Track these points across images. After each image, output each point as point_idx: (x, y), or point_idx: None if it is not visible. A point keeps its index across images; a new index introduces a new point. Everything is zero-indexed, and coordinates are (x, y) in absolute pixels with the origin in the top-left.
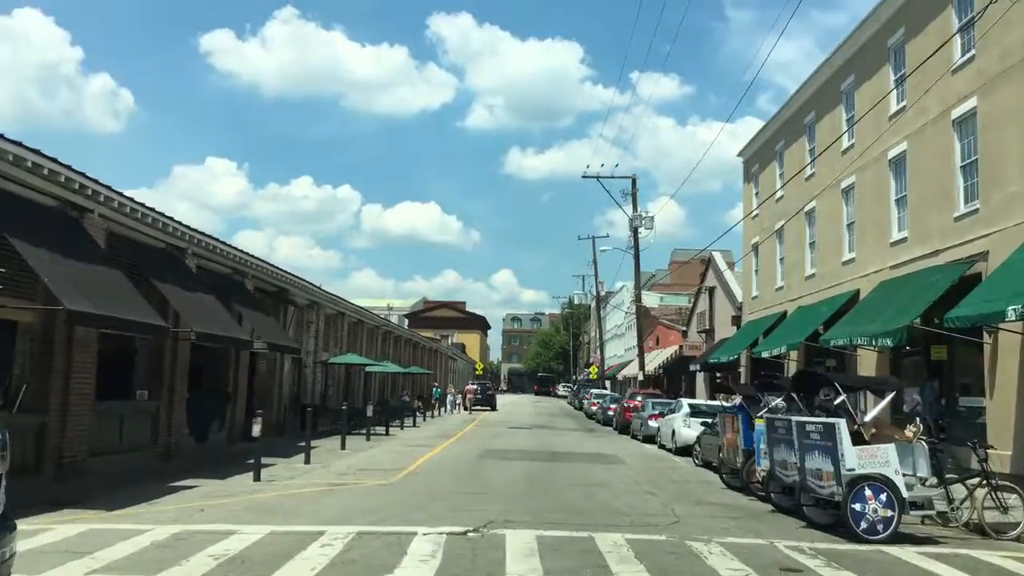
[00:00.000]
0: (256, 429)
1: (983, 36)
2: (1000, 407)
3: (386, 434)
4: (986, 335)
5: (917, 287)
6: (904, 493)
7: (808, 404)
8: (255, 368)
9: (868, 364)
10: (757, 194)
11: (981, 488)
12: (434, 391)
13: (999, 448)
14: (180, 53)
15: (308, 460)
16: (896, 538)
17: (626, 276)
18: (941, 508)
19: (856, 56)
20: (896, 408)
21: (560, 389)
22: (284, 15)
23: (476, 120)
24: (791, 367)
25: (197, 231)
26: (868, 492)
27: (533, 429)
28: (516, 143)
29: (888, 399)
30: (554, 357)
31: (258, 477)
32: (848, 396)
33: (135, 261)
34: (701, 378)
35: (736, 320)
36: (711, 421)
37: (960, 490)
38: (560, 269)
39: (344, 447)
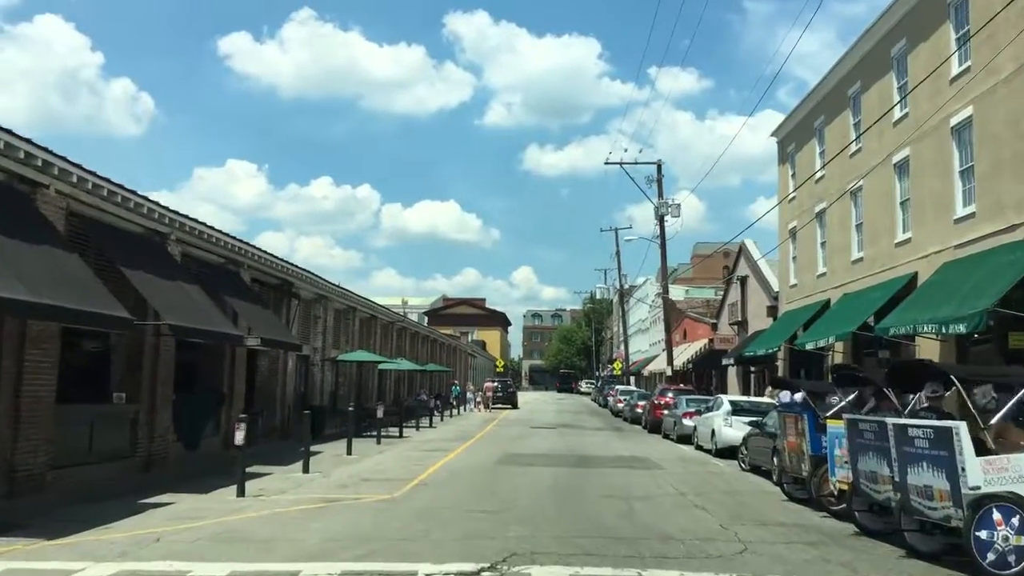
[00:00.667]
0: (239, 436)
1: None
2: None
3: (400, 436)
4: None
5: (992, 267)
6: None
7: (903, 403)
8: (256, 367)
9: (929, 354)
10: (794, 176)
11: None
12: (453, 389)
13: None
14: (199, 57)
15: (307, 469)
16: None
17: (649, 270)
18: None
19: (908, 18)
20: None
21: (583, 386)
22: (301, 16)
23: (494, 118)
24: (835, 360)
25: (181, 215)
26: (997, 515)
27: (557, 429)
28: (534, 140)
29: (1018, 397)
30: (576, 353)
31: (242, 492)
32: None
33: (103, 246)
34: (733, 373)
35: (772, 311)
36: (759, 421)
37: None
38: (580, 266)
39: (350, 452)
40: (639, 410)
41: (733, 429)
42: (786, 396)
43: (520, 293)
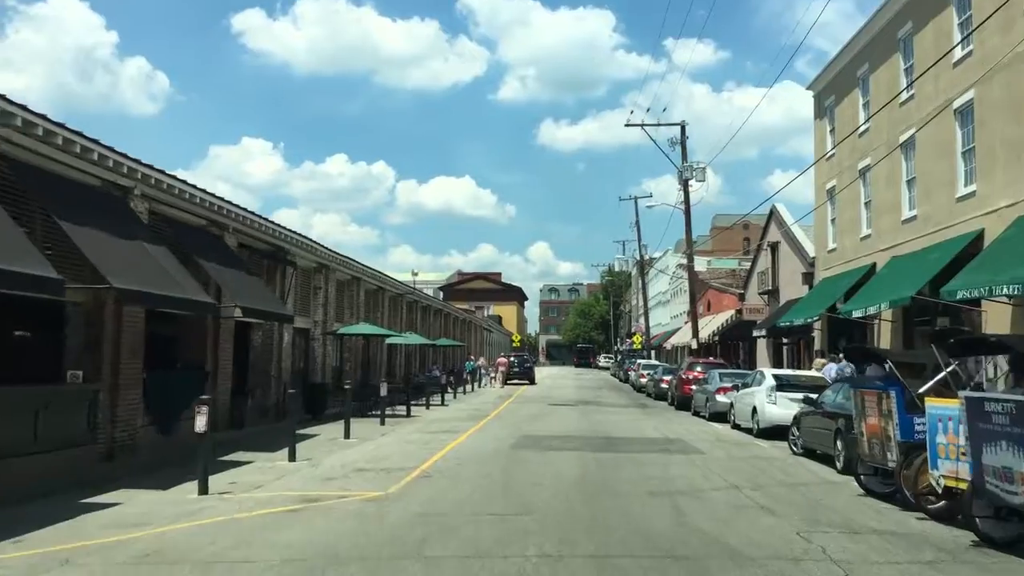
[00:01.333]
0: (200, 422)
1: None
2: None
3: (407, 416)
4: None
5: None
6: None
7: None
8: (249, 341)
9: (999, 322)
10: (833, 131)
11: None
12: (467, 365)
13: None
14: (213, 34)
15: (293, 456)
16: None
17: (669, 241)
18: None
19: None
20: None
21: (601, 360)
22: None
23: (508, 92)
24: (883, 329)
25: (147, 165)
26: None
27: (578, 406)
28: (549, 114)
29: None
30: (594, 327)
31: (204, 489)
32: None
33: (41, 197)
34: (764, 345)
35: (808, 278)
36: (813, 397)
37: None
38: (596, 241)
39: (348, 435)
40: (664, 385)
41: (778, 407)
42: (831, 369)
43: (536, 269)
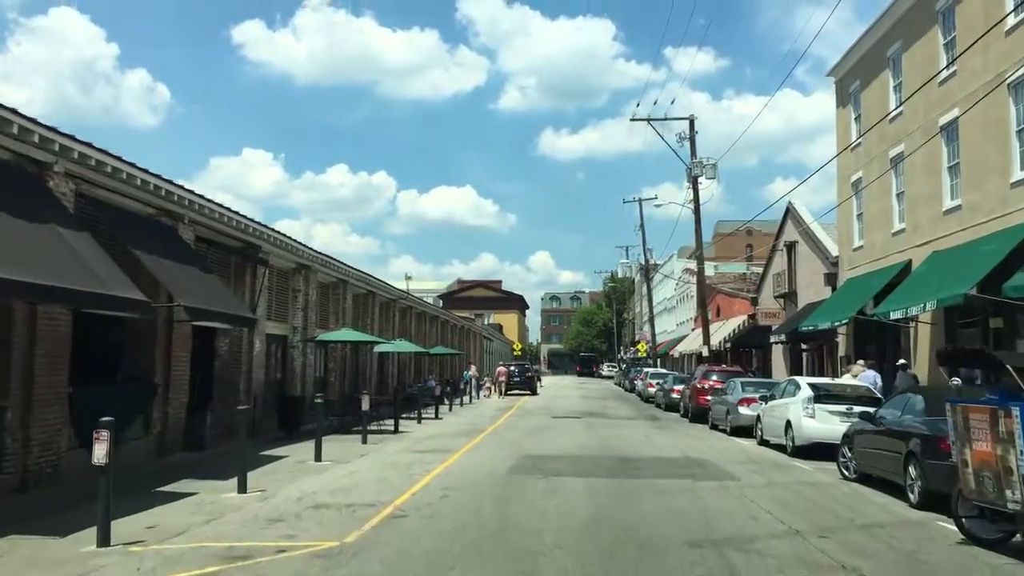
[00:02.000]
0: (98, 453)
1: None
2: None
3: (395, 432)
4: None
5: None
6: None
7: None
8: (214, 350)
9: None
10: (858, 118)
11: None
12: (464, 375)
13: None
14: (213, 46)
15: (244, 486)
16: None
17: (673, 246)
18: None
19: None
20: None
21: (604, 369)
22: (314, 3)
23: (509, 102)
24: (920, 333)
25: (70, 137)
26: None
27: (583, 419)
28: (549, 124)
29: None
30: (596, 335)
31: (106, 538)
32: None
33: None
34: (780, 352)
35: (830, 279)
36: (870, 412)
37: None
38: (597, 250)
39: (320, 457)
40: (675, 395)
41: (818, 421)
42: (869, 377)
43: (538, 278)
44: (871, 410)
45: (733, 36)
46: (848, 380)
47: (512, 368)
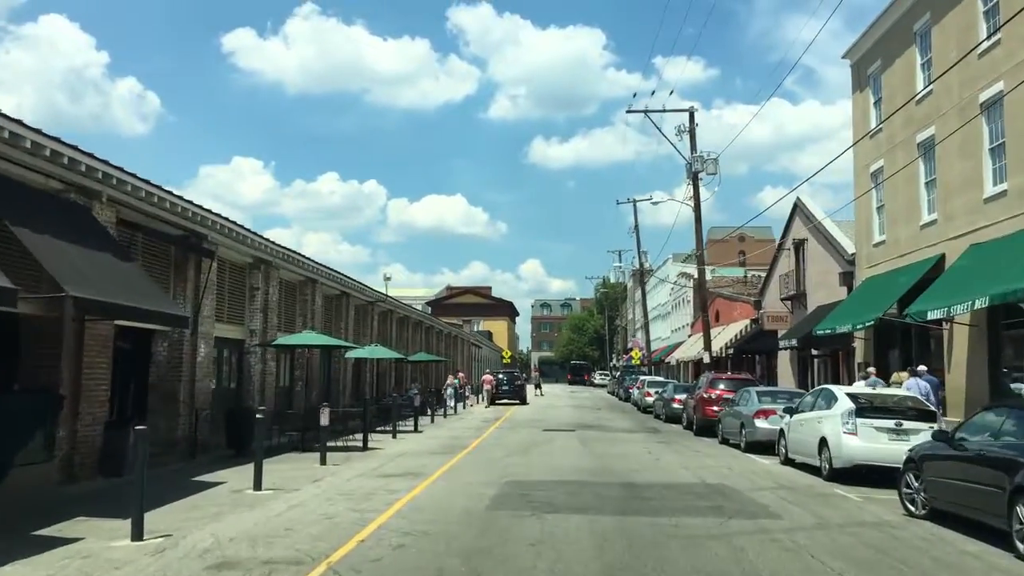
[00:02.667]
0: None
1: None
2: None
3: (363, 448)
4: None
5: None
6: None
7: None
8: (150, 356)
9: None
10: (878, 102)
11: None
12: (453, 383)
13: None
14: (203, 54)
15: (139, 533)
16: None
17: (666, 253)
18: None
19: None
20: None
21: (597, 377)
22: (304, 11)
23: (499, 111)
24: (957, 336)
25: None
26: None
27: (577, 432)
28: (540, 133)
29: None
30: (588, 343)
31: None
32: None
33: None
34: (786, 358)
35: (846, 278)
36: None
37: None
38: (588, 258)
39: (260, 485)
40: (677, 405)
41: (861, 439)
42: (914, 385)
43: (528, 286)
44: (908, 424)
45: (723, 46)
46: (897, 390)
47: (500, 376)
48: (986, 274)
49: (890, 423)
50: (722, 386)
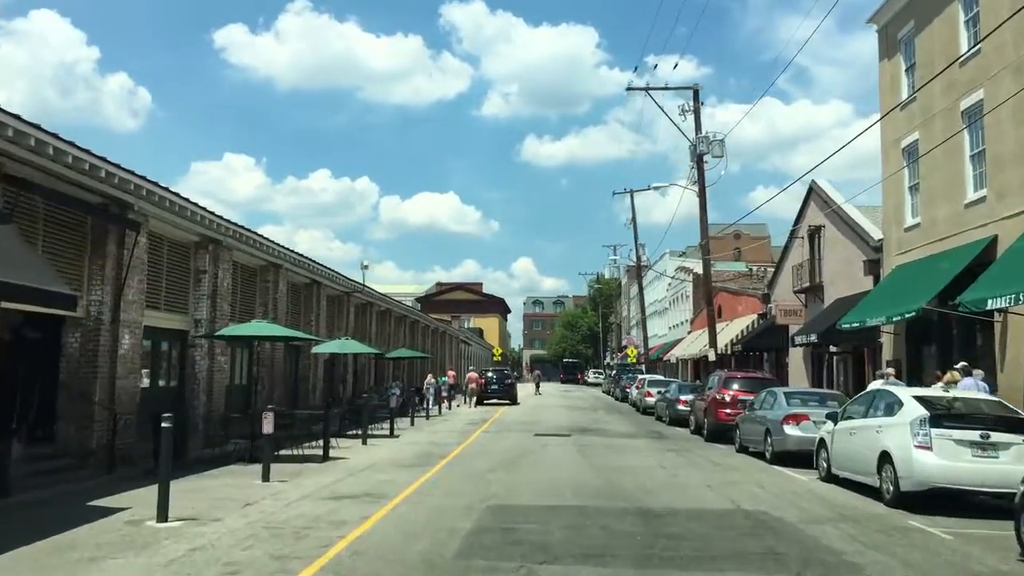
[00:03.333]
0: None
1: None
2: None
3: (323, 459)
4: None
5: None
6: None
7: None
8: (60, 348)
9: None
10: (910, 68)
11: None
12: (441, 380)
13: None
14: (195, 50)
15: None
16: None
17: (667, 244)
18: None
19: None
20: None
21: (591, 376)
22: (296, 7)
23: (492, 108)
24: (1013, 329)
25: None
26: None
27: (574, 437)
28: (532, 131)
29: None
30: (581, 340)
31: None
32: None
33: None
34: (799, 356)
35: (872, 266)
36: None
37: None
38: (580, 256)
39: (165, 516)
40: (682, 407)
41: (939, 456)
42: (969, 385)
43: (520, 284)
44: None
45: (715, 45)
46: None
47: (489, 374)
48: None
49: (974, 435)
50: (737, 386)
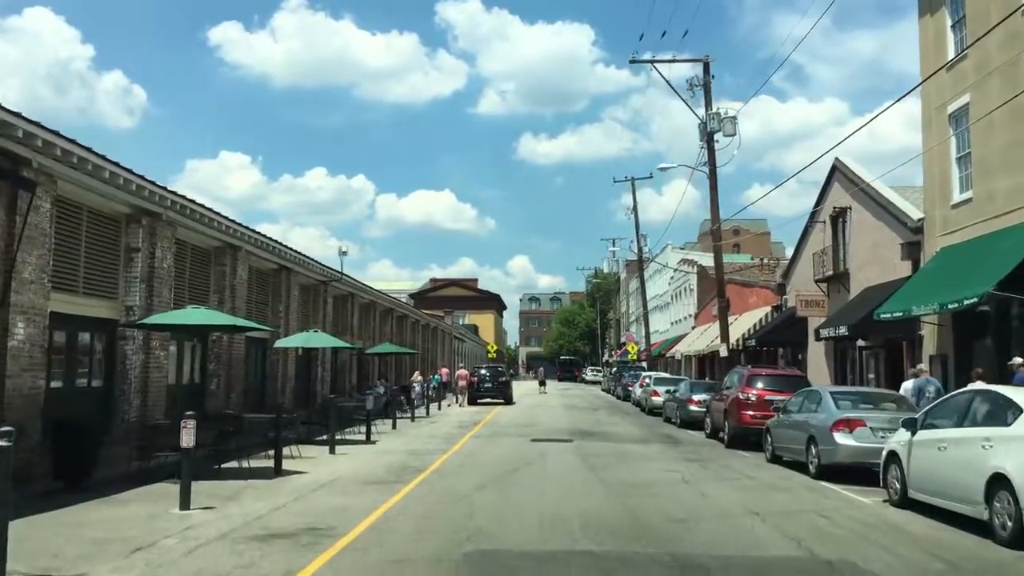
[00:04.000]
0: None
1: None
2: None
3: (275, 473)
4: None
5: None
6: None
7: None
8: None
9: None
10: (957, 24)
11: None
12: (434, 379)
13: None
14: (190, 48)
15: None
16: None
17: (668, 238)
18: None
19: None
20: None
21: (589, 374)
22: (292, 5)
23: (488, 106)
24: None
25: None
26: None
27: (576, 442)
28: (528, 129)
29: None
30: (579, 337)
31: None
32: None
33: None
34: (820, 351)
35: (912, 249)
36: None
37: None
38: (576, 254)
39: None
40: (695, 408)
41: None
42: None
43: (516, 282)
44: None
45: (712, 42)
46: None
47: (483, 371)
48: None
49: None
50: (762, 384)
